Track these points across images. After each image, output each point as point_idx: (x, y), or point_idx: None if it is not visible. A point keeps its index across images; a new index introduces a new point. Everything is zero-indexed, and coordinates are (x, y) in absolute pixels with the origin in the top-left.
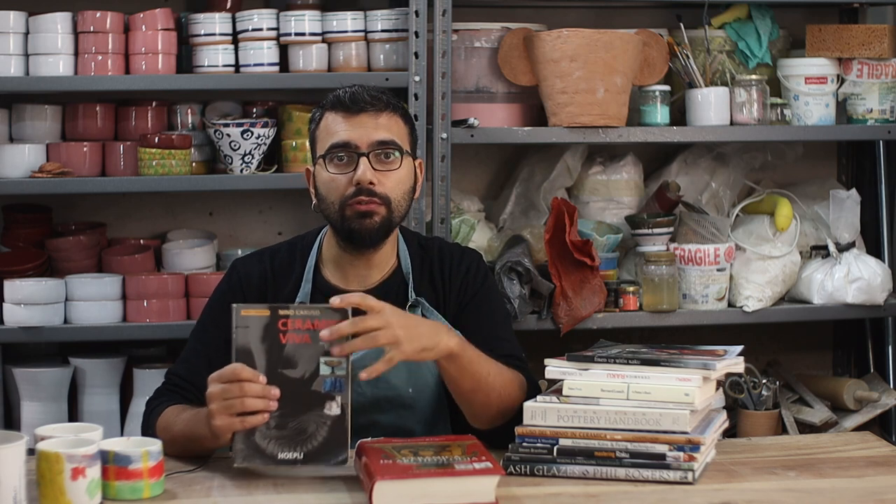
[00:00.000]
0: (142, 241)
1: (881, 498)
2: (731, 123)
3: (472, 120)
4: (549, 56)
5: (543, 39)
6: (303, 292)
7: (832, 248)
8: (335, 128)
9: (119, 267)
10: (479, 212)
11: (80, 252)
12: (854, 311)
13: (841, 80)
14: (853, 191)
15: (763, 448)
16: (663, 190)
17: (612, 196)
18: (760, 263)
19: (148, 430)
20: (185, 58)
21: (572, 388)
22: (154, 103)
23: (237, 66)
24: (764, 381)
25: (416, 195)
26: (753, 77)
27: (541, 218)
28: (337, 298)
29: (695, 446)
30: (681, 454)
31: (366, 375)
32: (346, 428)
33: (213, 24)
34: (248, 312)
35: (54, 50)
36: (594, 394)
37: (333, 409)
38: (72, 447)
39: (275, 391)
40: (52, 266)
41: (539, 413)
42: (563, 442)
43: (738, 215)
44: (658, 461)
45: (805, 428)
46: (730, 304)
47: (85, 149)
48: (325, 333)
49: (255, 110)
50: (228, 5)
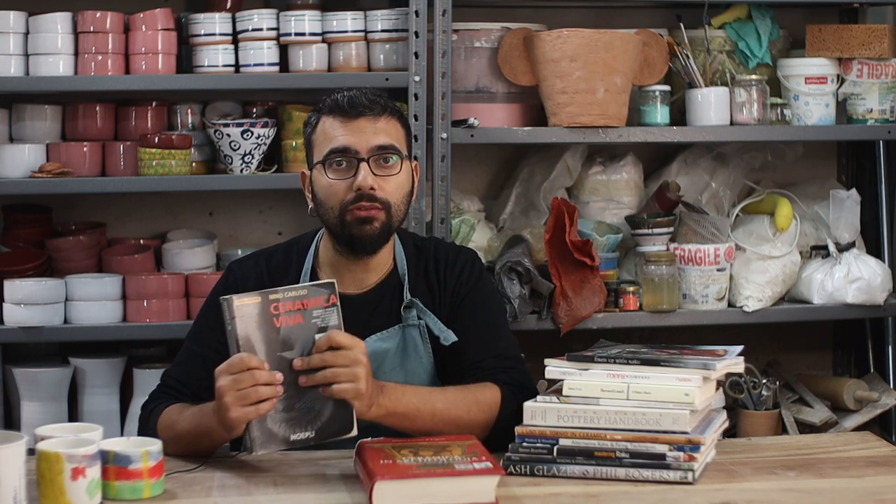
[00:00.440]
0: (142, 241)
1: (881, 498)
2: (731, 123)
3: (472, 120)
4: (549, 56)
5: (543, 39)
6: None
7: (832, 248)
8: (333, 133)
9: (119, 267)
10: (479, 212)
11: (80, 252)
12: (854, 311)
13: (841, 80)
14: (853, 191)
15: (763, 448)
16: (663, 190)
17: (612, 196)
18: (760, 263)
19: (147, 430)
20: (185, 58)
21: (572, 388)
22: (154, 103)
23: (237, 66)
24: (764, 381)
25: (413, 197)
26: (753, 77)
27: (541, 218)
28: (324, 338)
29: (695, 446)
30: (681, 454)
31: (321, 391)
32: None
33: (213, 24)
34: (241, 302)
35: (54, 50)
36: (594, 394)
37: None
38: (72, 447)
39: (279, 376)
40: (52, 266)
41: (539, 413)
42: (563, 442)
43: (738, 215)
44: (658, 461)
45: (805, 428)
46: (730, 304)
47: (85, 149)
48: (298, 363)
49: (255, 110)
50: (228, 5)
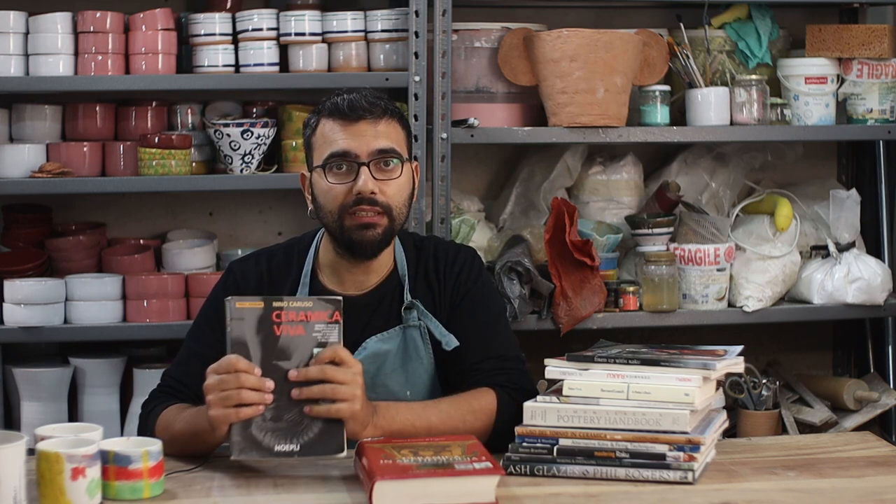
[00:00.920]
0: (142, 241)
1: (881, 498)
2: (731, 123)
3: (472, 120)
4: (549, 56)
5: (543, 39)
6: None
7: (832, 248)
8: (333, 136)
9: (119, 267)
10: (479, 212)
11: (80, 252)
12: (854, 311)
13: (841, 80)
14: (853, 191)
15: (763, 448)
16: (663, 190)
17: (612, 196)
18: (760, 263)
19: (146, 430)
20: (185, 58)
21: (572, 388)
22: (154, 103)
23: (237, 66)
24: (764, 381)
25: (414, 199)
26: (753, 77)
27: (541, 218)
28: (328, 351)
29: (695, 446)
30: (681, 454)
31: (307, 410)
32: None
33: (213, 24)
34: (243, 304)
35: (54, 50)
36: (594, 394)
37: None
38: (72, 447)
39: (269, 383)
40: (52, 266)
41: (539, 413)
42: (563, 442)
43: (738, 215)
44: (658, 461)
45: (805, 428)
46: (730, 304)
47: (85, 149)
48: (294, 374)
49: (255, 110)
50: (228, 5)
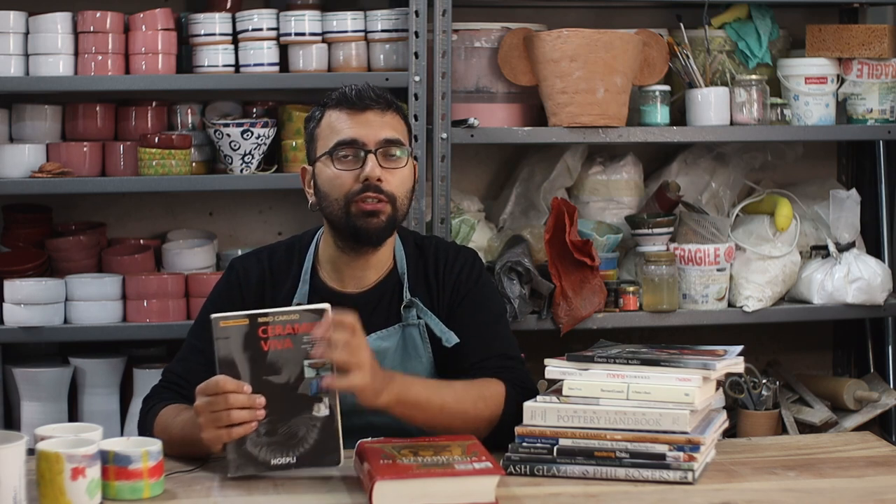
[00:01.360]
0: (142, 241)
1: (881, 498)
2: (731, 123)
3: (472, 120)
4: (549, 56)
5: (543, 39)
6: (300, 293)
7: (832, 248)
8: (340, 125)
9: (119, 267)
10: (479, 212)
11: (80, 252)
12: (854, 311)
13: (841, 80)
14: (853, 191)
15: (763, 448)
16: (663, 190)
17: (612, 196)
18: (760, 263)
19: (145, 429)
20: (185, 58)
21: (572, 388)
22: (154, 103)
23: (237, 66)
24: (764, 381)
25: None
26: (753, 77)
27: (541, 218)
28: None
29: (695, 446)
30: (681, 454)
31: (324, 384)
32: (336, 428)
33: (213, 24)
34: (228, 323)
35: (54, 50)
36: (594, 394)
37: (322, 410)
38: (72, 447)
39: (260, 400)
40: (52, 266)
41: (539, 413)
42: (563, 442)
43: (738, 215)
44: (658, 461)
45: (805, 428)
46: (730, 304)
47: (85, 149)
48: (318, 331)
49: (255, 110)
50: (228, 5)
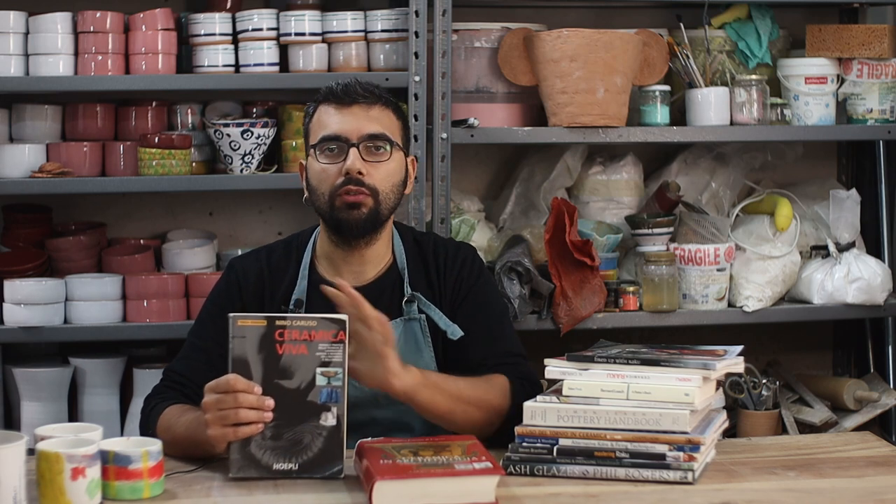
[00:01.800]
0: (142, 241)
1: (881, 498)
2: (731, 123)
3: (472, 120)
4: (549, 56)
5: (543, 39)
6: (299, 289)
7: (832, 248)
8: (327, 120)
9: (119, 267)
10: (479, 212)
11: (80, 252)
12: (854, 311)
13: (841, 80)
14: (853, 191)
15: (763, 448)
16: (663, 190)
17: (612, 196)
18: (760, 263)
19: (147, 428)
20: (185, 58)
21: (572, 388)
22: (154, 103)
23: (237, 66)
24: (764, 381)
25: (406, 191)
26: (753, 77)
27: (541, 218)
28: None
29: (695, 446)
30: (681, 454)
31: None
32: (341, 439)
33: (213, 24)
34: (245, 323)
35: (54, 50)
36: (594, 394)
37: (329, 419)
38: (72, 447)
39: (269, 402)
40: (52, 266)
41: (539, 413)
42: (563, 442)
43: (738, 215)
44: (658, 461)
45: (805, 428)
46: (730, 304)
47: (85, 149)
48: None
49: (255, 110)
50: (228, 5)
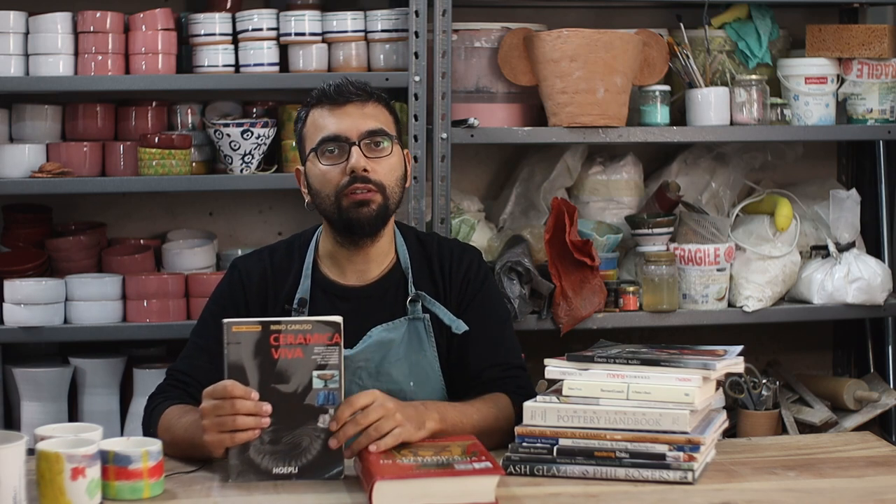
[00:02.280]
0: (142, 241)
1: (881, 498)
2: (731, 123)
3: (472, 120)
4: (549, 56)
5: (543, 39)
6: (302, 288)
7: (832, 248)
8: (323, 122)
9: (119, 267)
10: (479, 212)
11: (80, 252)
12: (854, 311)
13: (841, 80)
14: (853, 191)
15: (763, 448)
16: (663, 190)
17: (612, 196)
18: (760, 263)
19: (149, 427)
20: (185, 58)
21: (572, 388)
22: (154, 103)
23: (237, 66)
24: (764, 381)
25: (407, 184)
26: (753, 77)
27: (541, 218)
28: (344, 407)
29: (695, 446)
30: (681, 454)
31: (374, 448)
32: None
33: (213, 24)
34: (240, 328)
35: (54, 50)
36: (594, 394)
37: (327, 421)
38: (72, 447)
39: (267, 407)
40: (52, 266)
41: (539, 413)
42: (563, 442)
43: (738, 215)
44: (658, 461)
45: (805, 428)
46: (730, 304)
47: (85, 149)
48: (334, 426)
49: (255, 110)
50: (228, 5)
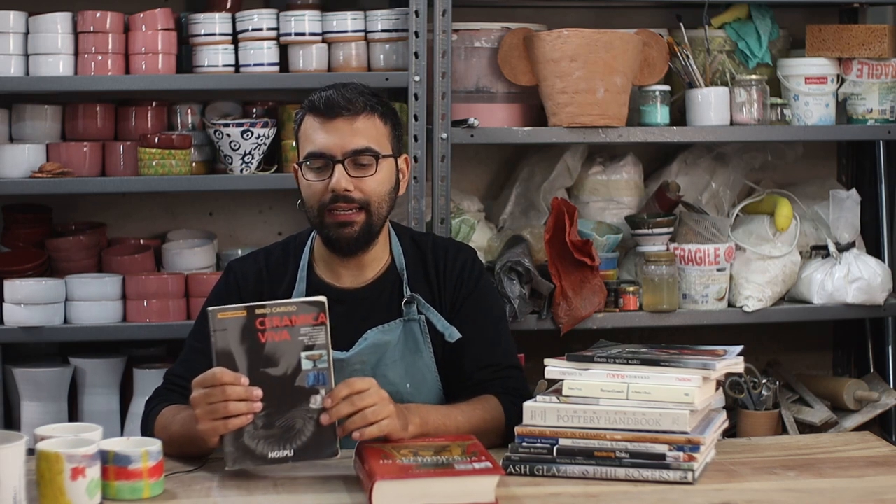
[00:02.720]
0: (142, 241)
1: (881, 498)
2: (731, 123)
3: (472, 120)
4: (549, 56)
5: (543, 39)
6: (297, 291)
7: (832, 248)
8: (312, 134)
9: (119, 267)
10: (479, 212)
11: (80, 252)
12: (854, 311)
13: (841, 80)
14: (853, 191)
15: (763, 448)
16: (663, 190)
17: (612, 196)
18: (760, 263)
19: (147, 430)
20: (185, 58)
21: (572, 388)
22: (154, 103)
23: (237, 66)
24: (764, 381)
25: (400, 192)
26: (753, 77)
27: (541, 218)
28: (342, 386)
29: (695, 446)
30: (681, 454)
31: (358, 436)
32: (333, 420)
33: (213, 24)
34: (225, 315)
35: (54, 50)
36: (594, 394)
37: (318, 402)
38: (72, 447)
39: (257, 392)
40: (52, 266)
41: (539, 413)
42: (562, 442)
43: (738, 215)
44: (658, 461)
45: (805, 428)
46: (730, 304)
47: (85, 149)
48: (328, 402)
49: (255, 110)
50: (228, 5)
